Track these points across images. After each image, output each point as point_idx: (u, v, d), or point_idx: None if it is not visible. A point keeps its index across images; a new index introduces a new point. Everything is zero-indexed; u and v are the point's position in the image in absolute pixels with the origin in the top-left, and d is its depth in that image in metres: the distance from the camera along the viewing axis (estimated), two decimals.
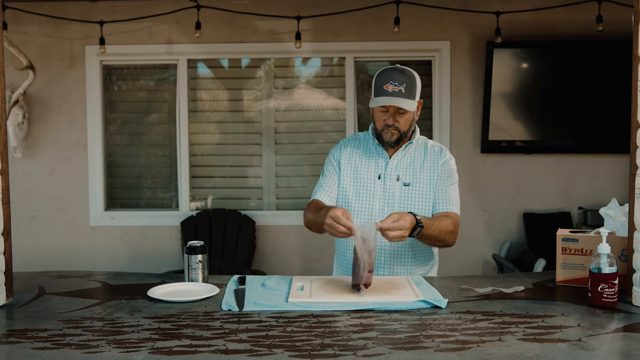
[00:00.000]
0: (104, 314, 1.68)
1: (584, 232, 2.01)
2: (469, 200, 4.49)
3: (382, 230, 1.90)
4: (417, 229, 2.01)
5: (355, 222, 2.12)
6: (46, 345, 1.43)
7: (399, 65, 2.26)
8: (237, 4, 4.44)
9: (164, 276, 2.21)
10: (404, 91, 2.12)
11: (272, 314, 1.67)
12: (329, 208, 2.00)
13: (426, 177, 2.25)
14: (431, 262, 2.34)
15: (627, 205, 1.90)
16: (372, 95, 2.19)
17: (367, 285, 1.85)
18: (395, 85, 2.13)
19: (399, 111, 2.16)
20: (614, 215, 1.98)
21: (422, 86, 2.30)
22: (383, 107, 2.17)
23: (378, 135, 2.26)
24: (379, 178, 2.26)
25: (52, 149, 4.61)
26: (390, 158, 2.27)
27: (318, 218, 2.10)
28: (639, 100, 1.72)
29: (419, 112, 2.27)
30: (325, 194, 2.29)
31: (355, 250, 1.87)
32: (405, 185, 2.24)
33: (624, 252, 1.86)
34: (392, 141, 2.22)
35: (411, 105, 2.14)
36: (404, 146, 2.28)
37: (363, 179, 2.27)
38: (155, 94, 4.78)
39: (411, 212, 2.01)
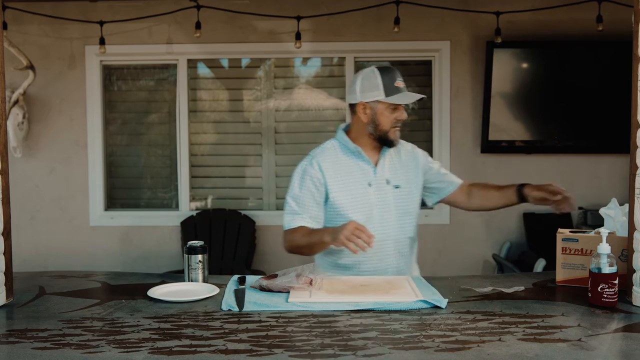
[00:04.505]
0: (104, 314, 1.68)
1: (584, 232, 2.01)
2: None
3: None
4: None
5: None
6: (46, 345, 1.43)
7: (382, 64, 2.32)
8: (237, 4, 4.44)
9: (164, 276, 2.21)
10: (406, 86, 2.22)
11: (272, 314, 1.67)
12: (344, 224, 1.98)
13: (411, 176, 2.29)
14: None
15: (627, 205, 1.90)
16: (383, 95, 2.15)
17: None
18: (402, 81, 2.19)
19: (403, 105, 2.21)
20: (614, 215, 1.98)
21: (423, 86, 2.33)
22: (394, 104, 2.18)
23: (380, 137, 2.21)
24: (370, 185, 2.22)
25: (52, 149, 4.61)
26: (376, 164, 2.25)
27: (313, 238, 2.10)
28: (639, 100, 1.72)
29: None
30: (308, 222, 2.18)
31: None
32: (396, 187, 2.25)
33: (623, 252, 1.86)
34: (397, 139, 2.23)
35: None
36: (383, 150, 2.26)
37: (355, 189, 2.21)
38: (155, 94, 4.78)
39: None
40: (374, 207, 2.21)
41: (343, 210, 2.20)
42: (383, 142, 2.23)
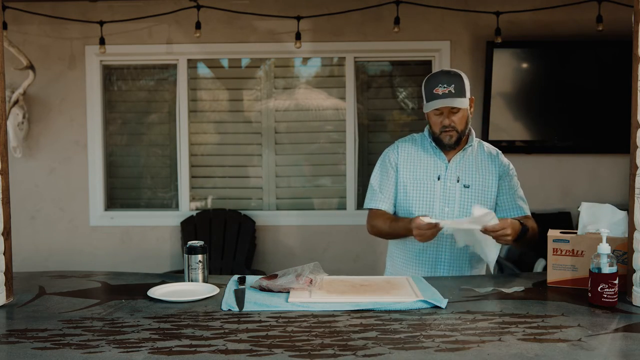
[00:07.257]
0: (104, 314, 1.68)
1: (574, 232, 2.01)
2: None
3: (487, 231, 2.03)
4: (522, 233, 2.15)
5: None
6: (46, 345, 1.43)
7: (444, 68, 2.35)
8: (237, 4, 4.44)
9: (164, 276, 2.21)
10: (453, 91, 2.20)
11: (272, 314, 1.67)
12: (410, 220, 2.13)
13: (486, 179, 2.33)
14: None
15: (620, 212, 1.91)
16: (424, 102, 2.26)
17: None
18: (444, 87, 2.20)
19: (453, 110, 2.24)
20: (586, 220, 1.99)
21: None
22: (437, 110, 2.24)
23: (436, 139, 2.31)
24: (439, 179, 2.31)
25: (52, 149, 4.61)
26: (450, 160, 2.33)
27: (395, 230, 2.26)
28: (639, 100, 1.72)
29: (472, 110, 2.33)
30: (385, 203, 2.36)
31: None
32: (465, 187, 2.31)
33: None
34: (452, 143, 2.29)
35: (463, 103, 2.22)
36: (463, 148, 2.35)
37: (422, 179, 2.32)
38: (155, 94, 4.77)
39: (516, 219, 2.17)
40: (436, 200, 2.30)
41: (407, 196, 2.32)
42: (440, 145, 2.31)
